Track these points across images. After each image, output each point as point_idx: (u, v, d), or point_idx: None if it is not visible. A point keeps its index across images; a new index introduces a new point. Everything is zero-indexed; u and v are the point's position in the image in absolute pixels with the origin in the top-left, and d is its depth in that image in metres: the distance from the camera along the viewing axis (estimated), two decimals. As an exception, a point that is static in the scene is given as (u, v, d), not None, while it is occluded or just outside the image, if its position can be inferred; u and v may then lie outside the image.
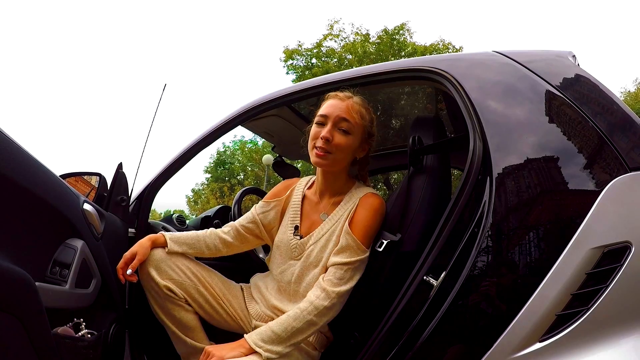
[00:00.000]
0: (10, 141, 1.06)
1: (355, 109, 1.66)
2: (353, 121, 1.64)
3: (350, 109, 1.65)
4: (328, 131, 1.63)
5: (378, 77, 1.75)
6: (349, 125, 1.64)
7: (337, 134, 1.63)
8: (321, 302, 1.49)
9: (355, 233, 1.58)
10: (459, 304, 1.22)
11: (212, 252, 1.85)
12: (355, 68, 1.89)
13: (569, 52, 1.55)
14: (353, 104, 1.67)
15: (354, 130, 1.65)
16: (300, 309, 1.49)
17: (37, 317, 1.04)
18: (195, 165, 41.08)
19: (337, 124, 1.64)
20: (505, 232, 1.26)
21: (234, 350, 1.41)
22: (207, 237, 1.84)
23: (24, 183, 1.09)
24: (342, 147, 1.64)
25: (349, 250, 1.57)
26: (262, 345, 1.42)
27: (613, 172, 1.21)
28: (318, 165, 1.68)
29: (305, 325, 1.47)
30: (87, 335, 1.41)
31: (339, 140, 1.63)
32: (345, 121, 1.64)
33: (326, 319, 1.51)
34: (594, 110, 1.32)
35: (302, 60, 21.36)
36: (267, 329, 1.46)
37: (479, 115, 1.39)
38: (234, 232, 1.87)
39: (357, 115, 1.66)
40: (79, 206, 1.45)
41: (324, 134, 1.62)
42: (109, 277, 1.59)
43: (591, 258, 1.13)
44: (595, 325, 1.12)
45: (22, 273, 0.99)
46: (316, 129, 1.67)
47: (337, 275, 1.53)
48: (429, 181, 1.68)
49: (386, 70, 1.73)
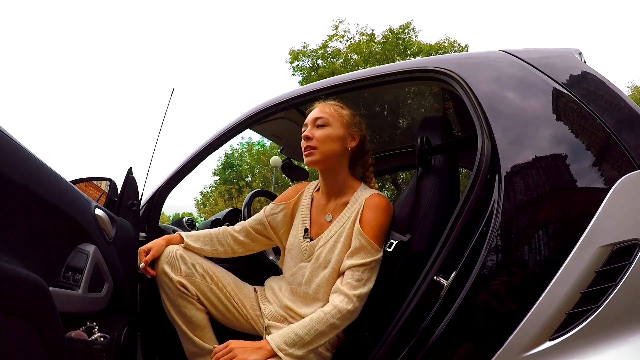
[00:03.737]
0: (24, 149, 1.08)
1: (327, 106, 1.78)
2: (327, 115, 1.74)
3: (322, 109, 1.76)
4: (308, 131, 1.73)
5: (385, 78, 1.75)
6: (324, 119, 1.73)
7: (315, 131, 1.73)
8: (344, 306, 1.50)
9: (367, 233, 1.59)
10: (469, 303, 1.22)
11: (226, 250, 1.91)
12: (362, 70, 1.90)
13: (575, 49, 1.55)
14: (325, 104, 1.79)
15: (330, 121, 1.73)
16: (324, 312, 1.50)
17: (51, 322, 1.05)
18: (204, 168, 41.20)
19: (314, 123, 1.74)
20: (514, 231, 1.26)
21: (256, 353, 1.41)
22: (219, 235, 1.90)
23: (37, 190, 1.11)
24: (323, 139, 1.71)
25: (362, 251, 1.57)
26: (284, 349, 1.42)
27: (621, 169, 1.21)
28: (310, 164, 1.74)
29: (328, 328, 1.48)
30: (100, 339, 1.42)
31: (318, 134, 1.72)
32: (320, 118, 1.74)
33: (347, 323, 1.53)
34: (601, 107, 1.32)
35: (308, 62, 21.34)
36: (290, 331, 1.47)
37: (486, 114, 1.39)
38: (244, 231, 1.92)
39: (331, 109, 1.76)
40: (91, 211, 1.46)
41: (304, 134, 1.73)
42: (120, 281, 1.60)
43: (600, 256, 1.13)
44: (606, 324, 1.12)
45: (36, 279, 1.00)
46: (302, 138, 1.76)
47: (355, 278, 1.54)
48: (438, 181, 1.68)
49: (393, 71, 1.73)
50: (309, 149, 1.71)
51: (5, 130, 1.02)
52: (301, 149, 1.76)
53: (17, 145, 1.06)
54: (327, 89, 1.87)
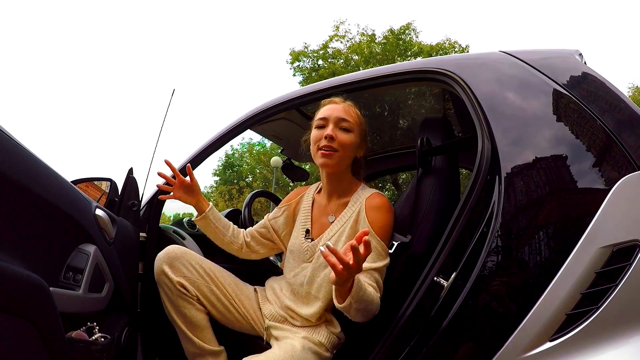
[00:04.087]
0: (24, 150, 1.08)
1: (352, 109, 1.73)
2: (352, 120, 1.70)
3: (347, 109, 1.72)
4: (331, 130, 1.66)
5: (386, 79, 1.75)
6: (349, 124, 1.69)
7: (339, 133, 1.68)
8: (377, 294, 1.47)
9: (378, 234, 1.59)
10: (469, 304, 1.22)
11: (232, 240, 1.94)
12: (363, 70, 1.90)
13: (575, 50, 1.55)
14: (349, 106, 1.74)
15: (354, 128, 1.70)
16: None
17: (52, 322, 1.05)
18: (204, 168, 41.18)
19: (338, 123, 1.69)
20: (514, 232, 1.26)
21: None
22: (236, 230, 1.97)
23: (38, 191, 1.11)
24: (346, 145, 1.68)
25: (374, 253, 1.56)
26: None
27: (621, 170, 1.21)
28: (325, 165, 1.70)
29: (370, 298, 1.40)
30: (100, 339, 1.43)
31: (343, 137, 1.67)
32: (345, 120, 1.69)
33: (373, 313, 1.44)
34: (601, 108, 1.32)
35: (309, 62, 21.33)
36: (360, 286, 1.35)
37: (486, 115, 1.39)
38: (250, 234, 1.97)
39: (355, 113, 1.73)
40: (91, 212, 1.46)
41: (328, 133, 1.66)
42: (121, 281, 1.60)
43: (601, 257, 1.13)
44: (606, 324, 1.12)
45: (37, 279, 1.01)
46: (317, 132, 1.71)
47: (372, 279, 1.52)
48: (438, 182, 1.68)
49: (394, 72, 1.74)
50: (329, 149, 1.66)
51: (6, 131, 1.02)
52: (304, 147, 1.77)
53: (18, 145, 1.06)
54: (327, 90, 1.87)
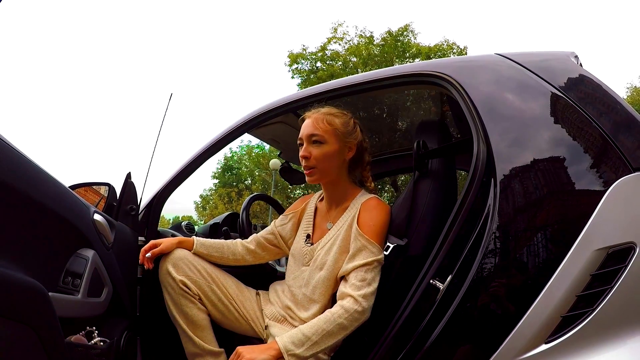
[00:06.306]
0: (22, 156, 1.09)
1: (320, 118, 1.74)
2: (321, 131, 1.72)
3: (315, 122, 1.74)
4: (304, 150, 1.74)
5: (383, 82, 1.75)
6: (319, 136, 1.72)
7: (312, 149, 1.73)
8: (351, 306, 1.50)
9: (366, 233, 1.61)
10: (466, 306, 1.23)
11: (237, 259, 1.95)
12: (360, 74, 1.90)
13: (571, 52, 1.56)
14: (318, 116, 1.76)
15: (325, 137, 1.72)
16: (331, 312, 1.51)
17: (51, 326, 1.06)
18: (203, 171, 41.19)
19: (309, 140, 1.73)
20: (510, 234, 1.26)
21: (264, 353, 1.43)
22: (231, 245, 1.96)
23: (36, 196, 1.12)
24: (321, 157, 1.72)
25: (363, 251, 1.58)
26: (291, 349, 1.43)
27: (617, 172, 1.21)
28: (312, 182, 1.77)
29: (336, 328, 1.49)
30: (99, 343, 1.43)
31: (316, 152, 1.72)
32: (314, 135, 1.72)
33: (356, 324, 1.52)
34: (597, 110, 1.32)
35: (307, 64, 21.42)
36: (298, 331, 1.49)
37: (482, 118, 1.40)
38: (255, 241, 1.99)
39: (324, 123, 1.73)
40: (90, 216, 1.47)
41: (301, 154, 1.74)
42: (120, 285, 1.61)
43: (596, 259, 1.14)
44: (601, 326, 1.12)
45: (36, 284, 1.01)
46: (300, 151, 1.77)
47: (358, 278, 1.55)
48: (435, 185, 1.68)
49: (391, 75, 1.74)
50: (308, 168, 1.74)
51: (4, 137, 1.03)
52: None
53: (16, 152, 1.07)
54: (325, 93, 1.87)
